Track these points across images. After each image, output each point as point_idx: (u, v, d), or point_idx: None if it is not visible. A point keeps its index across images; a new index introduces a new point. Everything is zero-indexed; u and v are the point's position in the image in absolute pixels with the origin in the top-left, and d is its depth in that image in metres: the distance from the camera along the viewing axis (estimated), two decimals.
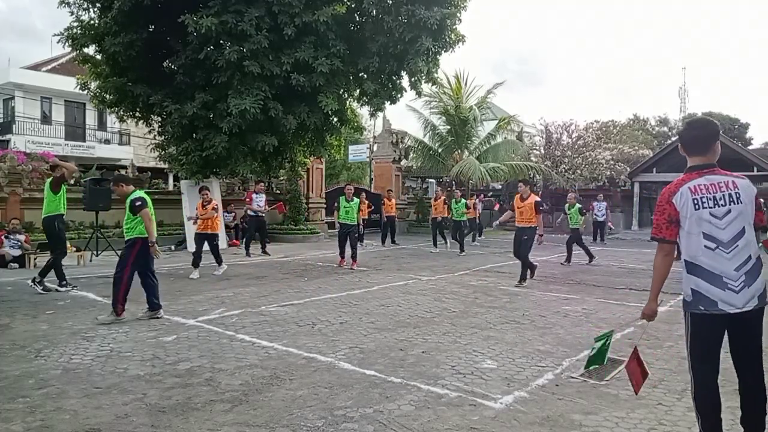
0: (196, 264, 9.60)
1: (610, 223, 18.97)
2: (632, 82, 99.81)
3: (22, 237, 11.10)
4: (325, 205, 20.14)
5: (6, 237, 10.88)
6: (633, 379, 3.16)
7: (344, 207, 11.22)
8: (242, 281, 9.14)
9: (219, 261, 9.93)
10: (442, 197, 15.82)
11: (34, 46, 64.59)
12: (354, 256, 11.17)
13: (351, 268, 10.79)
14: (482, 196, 22.21)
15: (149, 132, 15.61)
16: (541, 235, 8.94)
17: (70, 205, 14.36)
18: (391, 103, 14.06)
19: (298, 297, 7.67)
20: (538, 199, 9.06)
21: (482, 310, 6.89)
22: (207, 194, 9.92)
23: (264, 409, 3.62)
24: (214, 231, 9.81)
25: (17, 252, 10.81)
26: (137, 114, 14.59)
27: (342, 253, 11.33)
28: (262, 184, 14.66)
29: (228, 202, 16.69)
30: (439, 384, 4.13)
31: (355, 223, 11.18)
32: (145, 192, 6.66)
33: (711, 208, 2.78)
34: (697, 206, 2.80)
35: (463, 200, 15.09)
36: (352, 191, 11.57)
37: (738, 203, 2.78)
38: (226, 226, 15.64)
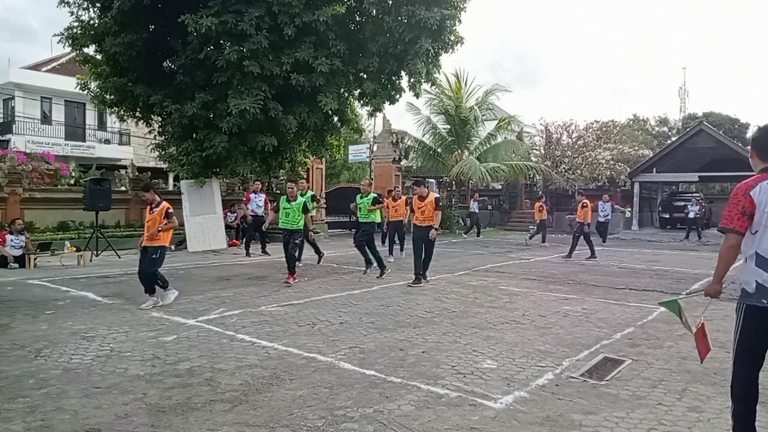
0: (163, 285, 7.23)
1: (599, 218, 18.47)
2: (632, 82, 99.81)
3: (25, 237, 11.10)
4: (325, 205, 20.25)
5: (10, 233, 10.89)
6: (700, 350, 3.29)
7: (284, 209, 8.95)
8: (242, 281, 9.14)
9: (163, 285, 7.15)
10: (403, 197, 12.87)
11: (30, 46, 64.70)
12: (291, 269, 8.84)
13: (285, 282, 8.73)
14: (476, 195, 22.11)
15: (149, 132, 15.61)
16: (437, 230, 8.81)
17: (70, 204, 14.79)
18: (390, 104, 14.06)
19: (298, 297, 7.67)
20: (438, 195, 9.00)
21: (482, 310, 6.89)
22: (150, 195, 7.16)
23: (264, 409, 3.62)
24: (161, 242, 7.04)
25: (18, 252, 10.81)
26: (137, 114, 14.62)
27: (291, 267, 8.90)
28: (259, 183, 14.60)
29: (231, 203, 16.68)
30: (439, 384, 4.13)
31: (298, 228, 8.98)
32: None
33: None
34: None
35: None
36: (295, 189, 9.17)
37: None
38: (228, 226, 15.64)
